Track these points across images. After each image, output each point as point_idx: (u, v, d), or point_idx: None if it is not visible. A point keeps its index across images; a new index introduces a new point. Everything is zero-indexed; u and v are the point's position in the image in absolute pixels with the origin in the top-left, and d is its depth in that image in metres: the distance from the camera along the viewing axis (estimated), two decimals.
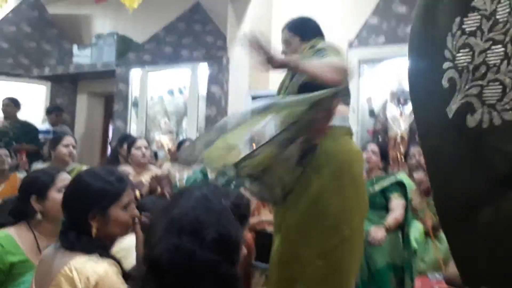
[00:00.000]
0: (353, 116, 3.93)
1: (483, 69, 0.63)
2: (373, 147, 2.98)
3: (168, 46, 5.02)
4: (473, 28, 0.65)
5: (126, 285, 1.24)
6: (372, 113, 3.93)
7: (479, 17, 0.65)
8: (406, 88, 3.81)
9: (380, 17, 4.04)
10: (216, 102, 4.48)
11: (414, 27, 0.90)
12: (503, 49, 0.61)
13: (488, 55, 0.63)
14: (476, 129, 0.63)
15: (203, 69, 4.61)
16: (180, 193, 1.00)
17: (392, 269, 2.62)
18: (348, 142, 1.82)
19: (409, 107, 3.78)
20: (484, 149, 0.63)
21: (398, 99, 3.82)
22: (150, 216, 1.34)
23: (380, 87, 3.92)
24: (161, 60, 4.95)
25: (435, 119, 0.70)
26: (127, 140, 3.63)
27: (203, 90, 4.58)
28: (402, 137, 3.74)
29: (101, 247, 1.30)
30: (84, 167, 2.93)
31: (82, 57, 5.57)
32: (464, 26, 0.67)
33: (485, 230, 0.63)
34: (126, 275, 1.28)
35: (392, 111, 3.83)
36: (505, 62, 0.60)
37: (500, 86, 0.59)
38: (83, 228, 1.29)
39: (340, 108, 1.73)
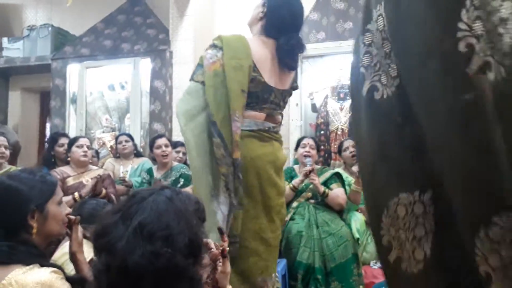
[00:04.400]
0: (297, 111, 4.04)
1: (377, 66, 0.97)
2: (309, 141, 3.10)
3: (108, 39, 4.84)
4: (370, 41, 0.99)
5: None
6: (314, 107, 4.05)
7: (371, 34, 0.99)
8: (346, 83, 3.98)
9: (320, 13, 4.16)
10: (160, 97, 4.40)
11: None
12: (384, 50, 0.95)
13: (379, 57, 0.97)
14: (379, 100, 0.95)
15: (146, 64, 4.50)
16: (135, 196, 0.96)
17: (355, 259, 2.77)
18: (246, 147, 1.76)
19: (348, 102, 3.94)
20: (386, 116, 0.95)
21: (338, 94, 3.96)
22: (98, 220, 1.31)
23: (321, 82, 4.05)
24: (100, 53, 4.76)
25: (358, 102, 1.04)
26: (60, 138, 3.46)
27: (146, 85, 4.47)
28: (342, 130, 3.89)
29: (40, 256, 1.26)
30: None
31: (13, 50, 5.22)
32: (364, 40, 1.00)
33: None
34: (70, 280, 1.25)
35: (333, 105, 3.97)
36: (387, 59, 0.94)
37: (386, 76, 0.95)
38: (19, 238, 1.24)
39: (249, 113, 1.77)
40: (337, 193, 2.96)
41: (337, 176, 3.09)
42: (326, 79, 4.03)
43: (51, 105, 4.91)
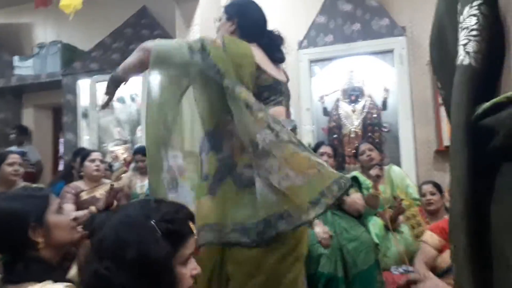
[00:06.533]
0: (308, 115, 4.00)
1: None
2: (327, 149, 3.05)
3: (116, 53, 4.87)
4: None
5: None
6: (325, 111, 4.01)
7: None
8: (357, 85, 3.93)
9: (327, 16, 4.12)
10: None
11: None
12: None
13: None
14: None
15: (155, 75, 4.50)
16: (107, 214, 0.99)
17: (377, 265, 2.70)
18: None
19: (360, 104, 3.88)
20: None
21: (349, 96, 3.91)
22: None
23: (331, 85, 4.00)
24: (109, 67, 4.78)
25: None
26: (81, 153, 3.48)
27: None
28: (356, 133, 3.83)
29: (53, 271, 1.24)
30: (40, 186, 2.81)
31: (24, 68, 5.30)
32: None
33: None
34: None
35: (344, 108, 3.92)
36: None
37: None
38: (26, 256, 1.22)
39: (273, 111, 1.66)
40: (354, 199, 2.90)
41: (354, 181, 3.02)
42: (336, 82, 3.98)
43: (63, 120, 4.96)
